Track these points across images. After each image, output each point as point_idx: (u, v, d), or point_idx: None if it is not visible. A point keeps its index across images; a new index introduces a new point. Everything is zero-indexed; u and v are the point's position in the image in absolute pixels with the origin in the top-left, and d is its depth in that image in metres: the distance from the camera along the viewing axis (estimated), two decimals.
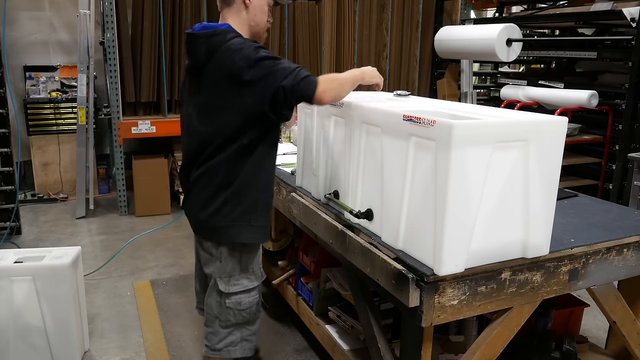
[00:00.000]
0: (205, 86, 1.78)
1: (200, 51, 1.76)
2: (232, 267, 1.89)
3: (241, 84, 1.70)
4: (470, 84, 5.53)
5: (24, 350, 2.43)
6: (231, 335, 1.95)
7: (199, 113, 1.81)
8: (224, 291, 1.89)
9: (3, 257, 2.45)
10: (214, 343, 1.97)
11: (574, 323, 2.34)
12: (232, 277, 1.90)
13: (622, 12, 3.64)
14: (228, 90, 1.73)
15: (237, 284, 1.90)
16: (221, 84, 1.74)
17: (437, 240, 1.42)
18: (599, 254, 1.72)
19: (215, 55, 1.73)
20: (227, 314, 1.92)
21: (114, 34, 4.49)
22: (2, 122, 4.10)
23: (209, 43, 1.75)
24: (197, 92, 1.82)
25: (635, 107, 3.70)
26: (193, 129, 1.83)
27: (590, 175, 4.39)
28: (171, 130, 4.79)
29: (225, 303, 1.90)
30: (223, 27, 1.79)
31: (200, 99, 1.81)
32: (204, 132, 1.80)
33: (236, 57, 1.69)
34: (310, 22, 5.27)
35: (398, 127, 1.54)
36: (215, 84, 1.75)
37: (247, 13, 1.84)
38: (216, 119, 1.77)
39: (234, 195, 1.81)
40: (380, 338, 1.84)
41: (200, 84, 1.79)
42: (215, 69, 1.74)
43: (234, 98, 1.72)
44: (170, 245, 4.15)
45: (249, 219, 1.84)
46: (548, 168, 1.52)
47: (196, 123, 1.82)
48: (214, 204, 1.82)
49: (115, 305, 3.17)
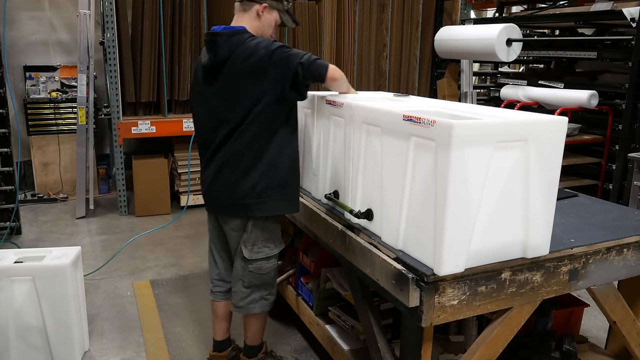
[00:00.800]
0: (228, 78, 2.00)
1: (223, 48, 1.99)
2: (255, 237, 2.10)
3: (263, 69, 1.94)
4: (470, 84, 5.53)
5: (24, 350, 2.43)
6: (252, 295, 2.19)
7: (225, 102, 2.02)
8: (248, 258, 2.11)
9: (3, 257, 2.45)
10: (237, 301, 2.22)
11: (574, 323, 2.34)
12: (255, 246, 2.11)
13: (622, 12, 3.64)
14: (251, 77, 1.96)
15: (260, 252, 2.12)
16: (245, 74, 1.96)
17: (437, 240, 1.42)
18: (599, 254, 1.72)
19: (237, 50, 1.97)
20: (250, 276, 2.15)
21: (114, 34, 4.49)
22: (2, 122, 4.10)
23: (231, 41, 1.99)
24: (218, 85, 2.03)
25: (635, 107, 3.70)
26: (220, 117, 2.03)
27: (590, 175, 4.39)
28: (171, 130, 4.79)
29: (248, 268, 2.13)
30: (241, 28, 2.05)
31: (223, 91, 2.02)
32: (231, 118, 2.00)
33: (258, 47, 1.95)
34: (310, 22, 5.27)
35: (398, 127, 1.54)
36: (238, 75, 1.97)
37: (258, 22, 2.09)
38: (242, 105, 1.98)
39: (266, 174, 2.02)
40: (380, 338, 1.84)
41: (221, 77, 2.01)
42: (238, 62, 1.97)
43: (258, 83, 1.95)
44: (170, 245, 4.15)
45: (281, 194, 2.05)
46: (548, 168, 1.52)
47: (223, 113, 2.02)
48: (247, 182, 2.02)
49: (115, 305, 3.17)
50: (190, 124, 4.77)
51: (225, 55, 1.99)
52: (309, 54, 1.96)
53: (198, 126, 2.20)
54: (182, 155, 4.91)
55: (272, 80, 1.94)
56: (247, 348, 2.33)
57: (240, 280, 2.17)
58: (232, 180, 2.03)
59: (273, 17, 2.12)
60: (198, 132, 2.20)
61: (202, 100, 2.12)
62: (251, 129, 1.98)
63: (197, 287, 3.41)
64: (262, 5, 2.07)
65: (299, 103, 2.16)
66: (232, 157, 2.03)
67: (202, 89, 2.11)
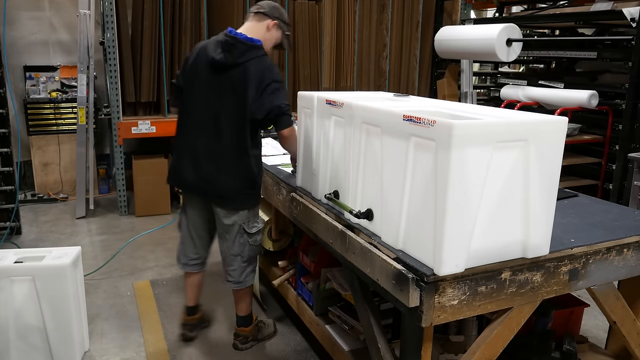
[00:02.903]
0: (236, 80, 2.29)
1: (240, 54, 2.29)
2: (249, 216, 2.50)
3: (262, 90, 2.28)
4: (470, 84, 5.53)
5: (24, 350, 2.43)
6: (247, 268, 2.58)
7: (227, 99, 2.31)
8: (250, 232, 2.50)
9: (3, 257, 2.45)
10: (237, 277, 2.56)
11: (574, 323, 2.34)
12: (250, 222, 2.50)
13: (622, 12, 3.64)
14: (252, 91, 2.28)
15: (254, 227, 2.52)
16: (251, 85, 2.28)
17: (437, 240, 1.42)
18: (599, 254, 1.72)
19: (252, 61, 2.29)
20: (249, 250, 2.54)
21: (114, 34, 4.49)
22: (2, 122, 4.10)
23: (249, 52, 2.30)
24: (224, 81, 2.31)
25: (635, 107, 3.70)
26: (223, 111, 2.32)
27: (590, 175, 4.39)
28: (171, 130, 4.73)
29: (249, 242, 2.52)
30: (259, 43, 2.35)
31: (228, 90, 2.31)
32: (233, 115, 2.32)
33: (269, 71, 2.30)
34: (310, 22, 5.27)
35: (398, 127, 1.54)
36: (247, 84, 2.28)
37: (266, 35, 2.41)
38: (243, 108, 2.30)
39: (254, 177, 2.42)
40: (380, 338, 1.84)
41: (227, 76, 2.30)
42: (250, 72, 2.28)
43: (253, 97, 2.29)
44: (170, 245, 4.15)
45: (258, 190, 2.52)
46: (548, 168, 1.52)
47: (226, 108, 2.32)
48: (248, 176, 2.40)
49: (115, 305, 3.17)
50: None
51: (240, 61, 2.28)
52: (288, 105, 2.33)
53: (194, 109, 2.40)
54: None
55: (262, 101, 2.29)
56: (242, 319, 2.69)
57: (239, 257, 2.53)
58: (235, 172, 2.37)
59: (277, 35, 2.45)
60: (192, 114, 2.41)
61: (203, 88, 2.36)
62: (237, 130, 2.33)
63: None
64: (273, 22, 2.40)
65: (299, 103, 2.24)
66: (235, 151, 2.35)
67: (205, 78, 2.36)
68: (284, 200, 2.47)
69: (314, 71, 5.39)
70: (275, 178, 2.56)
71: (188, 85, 2.42)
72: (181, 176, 2.48)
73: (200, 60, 2.37)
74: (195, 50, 2.44)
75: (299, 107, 2.24)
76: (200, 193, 2.49)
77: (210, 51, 2.32)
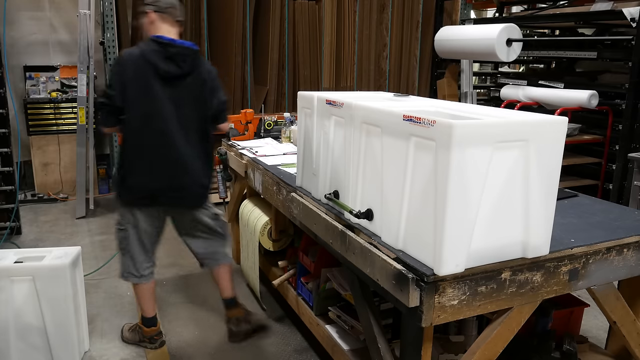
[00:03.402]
0: (196, 88, 2.45)
1: (188, 63, 2.42)
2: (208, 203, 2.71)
3: (213, 90, 2.52)
4: (470, 84, 5.53)
5: (24, 350, 2.43)
6: (226, 245, 2.84)
7: (185, 108, 2.45)
8: (216, 213, 2.73)
9: (3, 257, 2.45)
10: (224, 256, 2.80)
11: (574, 323, 2.34)
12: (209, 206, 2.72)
13: (622, 12, 3.64)
14: (207, 93, 2.50)
15: (211, 207, 2.74)
16: (206, 89, 2.48)
17: (437, 240, 1.42)
18: (599, 254, 1.72)
19: (200, 69, 2.46)
20: (223, 225, 2.76)
21: (114, 34, 4.49)
22: (2, 122, 4.10)
23: (198, 58, 2.48)
24: (178, 92, 2.42)
25: (635, 107, 3.70)
26: (183, 119, 2.44)
27: (590, 175, 4.39)
28: None
29: (220, 219, 2.74)
30: (197, 49, 2.50)
31: (188, 97, 2.44)
32: (192, 122, 2.48)
33: (212, 71, 2.54)
34: (310, 22, 5.27)
35: (398, 127, 1.54)
36: (203, 88, 2.47)
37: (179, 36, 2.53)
38: (200, 114, 2.49)
39: (211, 170, 2.66)
40: (380, 338, 1.84)
41: (184, 87, 2.43)
42: (200, 79, 2.46)
43: (209, 98, 2.51)
44: (170, 245, 4.14)
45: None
46: (548, 168, 1.52)
47: (187, 116, 2.46)
48: (205, 176, 2.58)
49: (115, 305, 3.17)
50: None
51: (188, 70, 2.42)
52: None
53: (154, 122, 2.41)
54: None
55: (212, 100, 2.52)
56: (230, 300, 2.82)
57: (223, 235, 2.77)
58: (198, 174, 2.53)
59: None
60: (152, 127, 2.41)
61: (159, 101, 2.39)
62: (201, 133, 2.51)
63: (197, 287, 3.41)
64: (182, 25, 2.56)
65: (299, 103, 2.23)
66: (201, 154, 2.53)
67: (159, 91, 2.38)
68: (284, 200, 2.47)
69: (314, 71, 5.38)
70: (275, 178, 2.56)
71: (135, 102, 2.37)
72: (148, 189, 2.46)
73: (143, 73, 2.35)
74: (126, 65, 2.37)
75: (299, 107, 2.24)
76: (172, 202, 2.55)
77: (158, 63, 2.34)
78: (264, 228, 2.96)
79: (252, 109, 3.86)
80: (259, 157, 2.95)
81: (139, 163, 2.44)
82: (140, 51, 2.37)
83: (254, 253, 3.06)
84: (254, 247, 3.05)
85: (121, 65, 2.39)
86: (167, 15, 2.45)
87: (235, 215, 3.60)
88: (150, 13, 2.43)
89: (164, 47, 2.37)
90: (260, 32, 5.21)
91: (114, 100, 2.36)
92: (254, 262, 3.08)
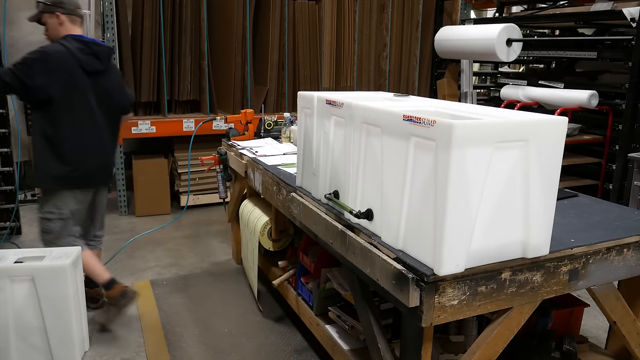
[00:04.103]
0: (107, 84, 2.82)
1: (107, 60, 2.81)
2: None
3: (123, 85, 3.03)
4: (470, 84, 5.53)
5: (24, 350, 2.43)
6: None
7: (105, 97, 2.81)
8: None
9: (3, 257, 2.45)
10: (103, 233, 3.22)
11: (574, 323, 2.34)
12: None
13: (622, 12, 3.64)
14: (121, 87, 2.99)
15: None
16: (118, 83, 2.94)
17: (437, 240, 1.42)
18: (599, 254, 1.72)
19: (111, 64, 2.89)
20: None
21: (114, 34, 4.49)
22: (2, 122, 4.10)
23: (110, 56, 2.85)
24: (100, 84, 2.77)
25: (635, 107, 3.70)
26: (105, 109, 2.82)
27: (590, 175, 4.39)
28: (171, 130, 4.79)
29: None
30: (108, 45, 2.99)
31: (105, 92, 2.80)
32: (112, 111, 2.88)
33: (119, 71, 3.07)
34: (310, 22, 5.27)
35: (398, 127, 1.54)
36: (114, 82, 2.89)
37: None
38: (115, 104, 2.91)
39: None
40: (380, 338, 1.84)
41: (103, 80, 2.79)
42: (115, 74, 2.94)
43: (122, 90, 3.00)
44: (170, 245, 4.15)
45: None
46: (548, 168, 1.52)
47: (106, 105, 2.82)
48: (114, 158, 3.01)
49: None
50: (191, 123, 4.77)
51: (107, 66, 2.81)
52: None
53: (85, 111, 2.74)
54: (182, 155, 4.91)
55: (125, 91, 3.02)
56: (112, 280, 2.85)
57: (104, 218, 3.17)
58: (114, 156, 2.99)
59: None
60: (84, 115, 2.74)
61: (88, 92, 2.72)
62: (115, 121, 2.93)
63: (197, 287, 3.41)
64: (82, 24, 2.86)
65: (299, 103, 2.23)
66: (114, 140, 2.95)
67: (86, 83, 2.71)
68: (284, 200, 2.47)
69: (314, 71, 5.38)
70: (275, 178, 2.56)
71: (66, 94, 2.65)
72: (86, 170, 2.77)
73: (71, 67, 2.64)
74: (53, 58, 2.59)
75: (299, 107, 2.24)
76: (103, 181, 2.96)
77: (83, 59, 2.67)
78: (264, 228, 2.96)
79: (252, 109, 3.86)
80: (259, 157, 2.95)
81: (75, 149, 2.72)
82: (64, 48, 2.63)
83: (253, 253, 3.06)
84: (253, 247, 3.05)
85: (48, 57, 2.59)
86: (74, 16, 2.75)
87: (235, 215, 3.60)
88: (60, 15, 2.69)
89: (87, 45, 2.69)
90: (260, 32, 5.21)
91: (50, 90, 2.60)
92: (253, 262, 3.08)
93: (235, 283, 3.47)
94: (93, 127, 2.78)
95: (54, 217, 2.76)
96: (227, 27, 4.90)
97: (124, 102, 2.98)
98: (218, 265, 3.77)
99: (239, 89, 5.02)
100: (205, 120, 3.76)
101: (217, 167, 3.45)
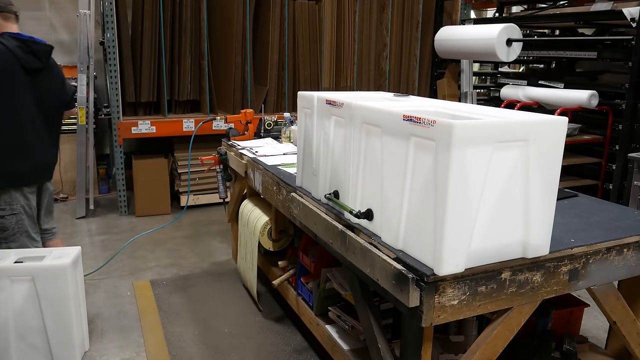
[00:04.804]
0: (48, 81, 2.80)
1: (47, 58, 2.77)
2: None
3: (63, 79, 2.96)
4: (470, 84, 5.53)
5: (24, 350, 2.43)
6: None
7: (48, 98, 2.81)
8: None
9: (3, 257, 2.45)
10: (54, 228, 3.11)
11: (574, 323, 2.34)
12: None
13: (622, 12, 3.64)
14: (61, 84, 2.93)
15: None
16: (60, 81, 2.91)
17: (437, 240, 1.42)
18: (599, 254, 1.72)
19: (53, 63, 2.85)
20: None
21: (114, 34, 4.49)
22: None
23: (50, 54, 2.80)
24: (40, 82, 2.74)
25: (635, 107, 3.70)
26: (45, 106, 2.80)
27: (590, 175, 4.39)
28: (171, 130, 4.79)
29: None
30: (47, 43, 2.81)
31: (45, 90, 2.78)
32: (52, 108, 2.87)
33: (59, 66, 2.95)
34: (310, 22, 5.27)
35: (398, 127, 1.54)
36: (56, 80, 2.87)
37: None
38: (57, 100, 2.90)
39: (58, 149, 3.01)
40: (380, 338, 1.84)
41: (43, 78, 2.76)
42: (55, 71, 2.88)
43: (63, 87, 2.94)
44: (170, 245, 4.15)
45: None
46: (548, 168, 1.52)
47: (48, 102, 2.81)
48: (56, 154, 2.98)
49: (115, 305, 3.18)
50: (191, 123, 4.77)
51: (46, 64, 2.76)
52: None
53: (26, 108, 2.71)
54: (182, 155, 4.91)
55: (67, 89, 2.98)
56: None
57: (52, 212, 3.07)
58: (55, 152, 2.95)
59: None
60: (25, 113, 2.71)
61: (27, 89, 2.68)
62: (56, 118, 2.92)
63: (197, 287, 3.41)
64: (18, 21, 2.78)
65: (299, 103, 2.22)
66: (53, 136, 2.91)
67: (25, 81, 2.67)
68: (284, 200, 2.47)
69: (314, 71, 5.38)
70: (275, 178, 2.56)
71: (5, 92, 2.60)
72: (31, 168, 2.75)
73: (10, 66, 2.59)
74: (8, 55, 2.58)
75: (299, 107, 2.24)
76: (46, 177, 2.93)
77: (23, 57, 2.62)
78: (264, 228, 2.96)
79: (252, 109, 3.86)
80: (259, 157, 2.95)
81: (18, 146, 2.70)
82: (4, 46, 2.57)
83: (253, 253, 3.06)
84: (252, 247, 3.05)
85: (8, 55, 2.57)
86: (7, 13, 2.67)
87: (235, 215, 3.60)
88: None
89: (25, 43, 2.64)
90: (260, 32, 5.21)
91: None
92: (252, 263, 3.08)
93: (235, 283, 3.47)
94: (32, 126, 2.73)
95: (5, 213, 2.71)
96: (227, 27, 4.90)
97: (65, 97, 2.96)
98: (218, 265, 3.77)
99: (239, 89, 5.02)
100: (205, 120, 3.76)
101: (217, 167, 3.45)
